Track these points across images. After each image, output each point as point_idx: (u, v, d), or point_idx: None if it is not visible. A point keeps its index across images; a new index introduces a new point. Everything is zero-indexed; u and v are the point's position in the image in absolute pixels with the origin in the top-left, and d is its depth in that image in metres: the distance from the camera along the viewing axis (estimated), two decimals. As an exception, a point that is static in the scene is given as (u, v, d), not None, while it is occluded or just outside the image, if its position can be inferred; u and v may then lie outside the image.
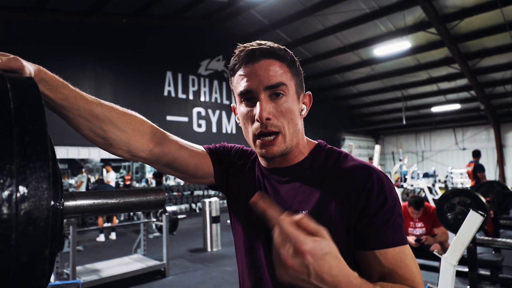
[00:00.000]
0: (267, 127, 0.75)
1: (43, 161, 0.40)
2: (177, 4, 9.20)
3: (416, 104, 15.38)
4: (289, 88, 0.78)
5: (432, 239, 3.64)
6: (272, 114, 0.76)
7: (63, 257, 4.13)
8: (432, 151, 17.60)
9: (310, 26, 10.47)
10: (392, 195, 0.72)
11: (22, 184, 0.38)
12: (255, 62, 0.77)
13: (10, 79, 0.45)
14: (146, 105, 9.46)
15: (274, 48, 0.79)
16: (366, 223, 0.70)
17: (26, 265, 0.37)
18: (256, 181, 0.88)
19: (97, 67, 8.64)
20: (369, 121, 18.27)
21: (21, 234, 0.37)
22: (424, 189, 8.71)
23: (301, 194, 0.78)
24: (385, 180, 0.73)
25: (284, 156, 0.81)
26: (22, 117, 0.41)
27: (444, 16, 9.05)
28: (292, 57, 0.83)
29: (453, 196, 3.17)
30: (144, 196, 0.70)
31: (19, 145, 0.39)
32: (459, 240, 1.99)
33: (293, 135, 0.79)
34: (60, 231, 0.50)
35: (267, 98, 0.76)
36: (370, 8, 9.36)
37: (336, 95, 15.89)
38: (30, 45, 7.56)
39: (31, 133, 0.40)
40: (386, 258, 0.68)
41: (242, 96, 0.78)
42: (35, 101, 0.43)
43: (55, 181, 0.47)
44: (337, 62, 12.66)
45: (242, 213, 0.88)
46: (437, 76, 12.76)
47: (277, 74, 0.77)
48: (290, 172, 0.82)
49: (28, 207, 0.38)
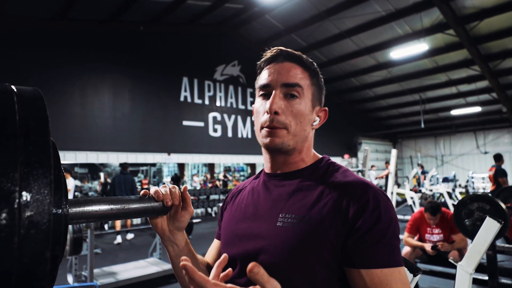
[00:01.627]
0: (273, 122, 0.77)
1: (46, 168, 0.43)
2: (192, 11, 9.35)
3: (435, 107, 15.05)
4: (305, 93, 0.81)
5: (450, 246, 3.54)
6: (282, 110, 0.78)
7: (81, 259, 4.23)
8: (452, 155, 17.16)
9: (325, 30, 10.43)
10: (388, 214, 0.69)
11: (25, 190, 0.40)
12: (280, 62, 0.82)
13: (18, 92, 0.48)
14: (163, 110, 9.62)
15: (300, 55, 0.84)
16: (356, 240, 0.68)
17: (28, 266, 0.40)
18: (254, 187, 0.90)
19: (116, 74, 8.86)
20: (386, 125, 17.99)
21: (23, 237, 0.39)
22: (443, 194, 8.50)
23: (294, 199, 0.78)
24: (382, 198, 0.71)
25: (285, 155, 0.83)
26: (27, 127, 0.43)
27: (462, 17, 8.86)
28: (316, 69, 0.86)
29: (471, 202, 3.09)
30: (149, 202, 0.73)
31: (23, 154, 0.41)
32: (476, 248, 1.94)
33: (297, 137, 0.80)
34: (64, 236, 0.52)
35: (282, 95, 0.79)
36: (386, 10, 9.26)
37: (353, 99, 15.73)
38: (51, 53, 7.83)
39: (34, 143, 0.43)
40: (371, 278, 0.66)
41: (261, 89, 0.83)
42: (39, 113, 0.46)
43: (58, 187, 0.50)
44: (353, 65, 12.55)
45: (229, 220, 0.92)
46: (456, 78, 12.46)
47: (296, 76, 0.80)
48: (289, 177, 0.83)
49: (30, 212, 0.40)
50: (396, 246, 0.69)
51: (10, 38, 7.37)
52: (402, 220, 8.23)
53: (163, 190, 0.74)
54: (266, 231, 0.77)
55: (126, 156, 8.99)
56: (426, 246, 3.60)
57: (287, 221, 0.74)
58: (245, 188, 0.94)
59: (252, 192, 0.89)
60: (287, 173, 0.84)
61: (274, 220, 0.77)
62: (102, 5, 8.04)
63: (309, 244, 0.70)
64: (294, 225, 0.73)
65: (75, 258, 3.91)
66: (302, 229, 0.71)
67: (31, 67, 7.52)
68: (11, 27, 7.43)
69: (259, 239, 0.77)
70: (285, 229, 0.73)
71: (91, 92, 8.48)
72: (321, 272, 0.69)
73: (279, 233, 0.74)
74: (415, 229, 3.85)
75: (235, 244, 0.83)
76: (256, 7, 9.35)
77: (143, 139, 9.22)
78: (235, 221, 0.87)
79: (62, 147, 7.88)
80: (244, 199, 0.90)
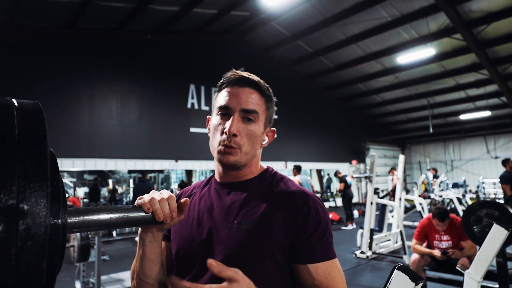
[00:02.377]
0: (231, 143, 0.86)
1: (43, 181, 0.44)
2: (199, 19, 9.45)
3: (444, 111, 14.91)
4: (260, 118, 0.91)
5: (459, 252, 3.49)
6: (239, 132, 0.87)
7: (89, 266, 4.26)
8: (462, 160, 16.94)
9: (331, 36, 10.45)
10: (325, 217, 0.85)
11: (22, 203, 0.42)
12: (241, 86, 0.90)
13: (18, 106, 0.49)
14: (170, 118, 9.69)
15: (260, 83, 0.93)
16: (303, 241, 0.81)
17: (24, 277, 0.41)
18: (205, 194, 0.97)
19: (124, 81, 8.97)
20: (394, 130, 17.86)
21: (20, 248, 0.41)
22: (453, 200, 8.38)
23: (247, 206, 0.87)
24: (319, 205, 0.86)
25: (237, 170, 0.92)
26: (25, 141, 0.45)
27: (469, 21, 8.81)
28: (271, 95, 0.96)
29: (479, 208, 3.05)
30: (144, 212, 0.74)
31: (21, 167, 0.43)
32: (483, 255, 1.91)
33: (249, 155, 0.90)
34: (62, 246, 0.53)
35: (240, 118, 0.88)
36: (392, 16, 9.25)
37: (360, 104, 15.68)
38: (61, 62, 7.97)
39: (32, 156, 0.44)
40: (316, 271, 0.80)
41: (220, 109, 0.90)
42: (38, 127, 0.48)
43: (56, 199, 0.51)
44: (360, 71, 12.52)
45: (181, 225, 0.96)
46: (464, 82, 12.35)
47: (254, 103, 0.89)
48: (239, 186, 0.92)
49: (27, 224, 0.41)
50: (331, 242, 0.84)
51: (20, 48, 7.53)
52: (411, 227, 8.14)
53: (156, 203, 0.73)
54: (224, 236, 0.85)
55: (134, 163, 9.07)
56: (435, 252, 3.55)
57: (242, 227, 0.84)
58: (194, 195, 1.00)
59: (204, 199, 0.96)
60: (238, 183, 0.93)
61: (230, 226, 0.85)
62: (110, 14, 8.19)
63: (263, 247, 0.81)
64: (249, 231, 0.83)
65: (83, 265, 3.94)
66: (257, 234, 0.82)
67: (41, 75, 7.66)
68: (21, 37, 7.60)
69: (217, 243, 0.85)
70: (241, 234, 0.83)
71: (100, 100, 8.59)
72: (275, 271, 0.82)
73: (235, 238, 0.83)
74: (423, 236, 3.80)
75: (192, 247, 0.89)
76: (262, 14, 9.43)
77: (151, 146, 9.29)
78: (189, 226, 0.92)
79: (71, 155, 7.98)
80: (196, 205, 0.96)
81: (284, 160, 12.45)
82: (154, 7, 8.17)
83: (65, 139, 7.89)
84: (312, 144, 13.73)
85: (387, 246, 6.15)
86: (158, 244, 0.85)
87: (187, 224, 0.93)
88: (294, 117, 12.88)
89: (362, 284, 4.52)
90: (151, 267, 0.86)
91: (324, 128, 14.17)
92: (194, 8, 8.35)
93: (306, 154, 13.33)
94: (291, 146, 12.76)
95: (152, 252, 0.85)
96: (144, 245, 0.84)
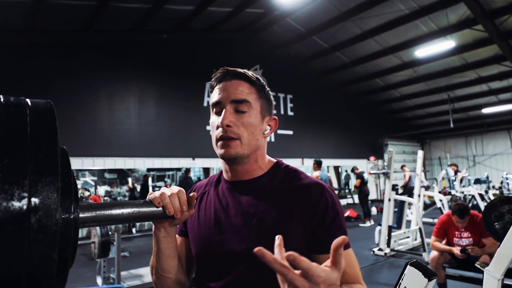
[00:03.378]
0: (227, 133, 0.86)
1: (54, 176, 0.46)
2: (213, 18, 9.50)
3: (465, 105, 14.49)
4: (253, 107, 0.89)
5: (480, 250, 3.40)
6: (233, 123, 0.86)
7: (110, 262, 4.36)
8: (485, 155, 16.44)
9: (347, 30, 10.31)
10: (340, 208, 0.88)
11: (34, 196, 0.44)
12: (228, 80, 0.90)
13: (31, 105, 0.52)
14: (186, 116, 9.80)
15: (246, 73, 0.92)
16: (322, 232, 0.84)
17: (37, 267, 0.43)
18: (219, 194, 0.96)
19: (141, 81, 9.12)
20: (413, 125, 17.50)
21: (32, 240, 0.43)
22: (475, 196, 8.16)
23: (264, 204, 0.87)
24: (334, 196, 0.88)
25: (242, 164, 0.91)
26: (37, 138, 0.47)
27: (491, 12, 8.52)
28: (262, 83, 0.94)
29: (501, 204, 2.96)
30: (157, 206, 0.76)
31: (33, 163, 0.45)
32: (503, 252, 1.86)
33: (250, 146, 0.88)
34: (75, 239, 0.56)
35: (232, 110, 0.88)
36: (410, 8, 9.05)
37: (378, 100, 15.42)
38: (79, 63, 8.18)
39: (44, 152, 0.47)
40: None
41: (213, 106, 0.91)
42: (49, 124, 0.50)
43: (68, 194, 0.53)
44: (377, 65, 12.31)
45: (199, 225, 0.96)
46: (486, 75, 11.97)
47: (243, 93, 0.89)
48: (251, 185, 0.92)
49: (38, 216, 0.44)
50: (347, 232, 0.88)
51: (41, 50, 7.76)
52: (431, 224, 7.97)
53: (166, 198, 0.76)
54: (244, 236, 0.85)
55: (152, 161, 9.22)
56: (455, 250, 3.47)
57: (262, 226, 0.84)
58: (208, 193, 1.00)
59: (219, 199, 0.95)
60: (249, 181, 0.92)
61: (249, 225, 0.86)
62: (126, 15, 8.33)
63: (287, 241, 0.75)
64: (270, 229, 0.83)
65: (103, 261, 4.04)
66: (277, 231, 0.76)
67: (61, 76, 7.87)
68: (41, 40, 7.83)
69: (237, 243, 0.86)
70: (262, 233, 0.83)
71: (118, 100, 8.77)
72: None
73: (257, 237, 0.83)
74: (442, 232, 3.72)
75: (211, 247, 0.90)
76: (277, 10, 9.39)
77: (168, 145, 9.42)
78: (207, 227, 0.93)
79: (91, 153, 8.19)
80: (212, 204, 0.95)
81: (300, 157, 12.40)
82: (170, 7, 8.26)
83: (86, 139, 8.10)
84: (329, 141, 13.61)
85: (406, 243, 6.05)
86: (172, 239, 0.88)
87: (205, 224, 0.93)
88: (311, 114, 12.79)
89: (380, 281, 4.47)
90: (168, 261, 0.89)
91: (341, 124, 14.02)
92: (208, 6, 8.40)
93: (323, 150, 13.22)
94: (307, 143, 12.69)
95: (167, 247, 0.87)
96: (159, 240, 0.86)
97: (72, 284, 4.56)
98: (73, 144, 7.79)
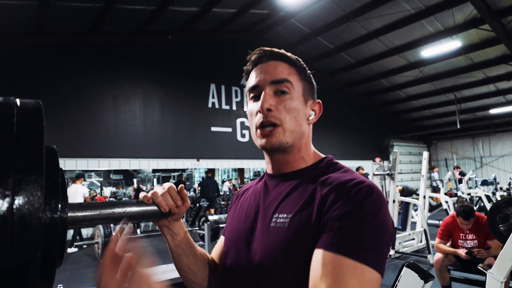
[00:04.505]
0: (268, 118, 0.77)
1: (38, 174, 0.47)
2: (218, 19, 9.52)
3: (472, 106, 14.35)
4: (294, 87, 0.80)
5: (485, 252, 3.36)
6: (274, 107, 0.77)
7: (114, 262, 4.41)
8: (492, 157, 16.26)
9: (352, 31, 10.27)
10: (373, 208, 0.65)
11: (17, 195, 0.44)
12: (265, 62, 0.82)
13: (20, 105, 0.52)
14: (191, 118, 9.83)
15: (284, 53, 0.83)
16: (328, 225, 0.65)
17: (20, 264, 0.44)
18: (257, 188, 0.90)
19: (146, 83, 9.17)
20: (419, 126, 17.36)
21: (16, 237, 0.43)
22: (482, 198, 8.07)
23: (288, 199, 0.77)
24: (376, 193, 0.67)
25: (284, 153, 0.81)
26: (23, 137, 0.47)
27: (498, 11, 8.43)
28: (302, 65, 0.86)
29: (506, 206, 2.93)
30: (150, 206, 0.76)
31: (17, 161, 0.45)
32: (507, 255, 1.84)
33: (294, 133, 0.79)
34: (62, 238, 0.56)
35: (272, 93, 0.79)
36: (415, 8, 8.99)
37: (383, 100, 15.33)
38: (84, 64, 8.25)
39: (28, 151, 0.47)
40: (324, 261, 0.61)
41: (251, 92, 0.83)
42: (36, 124, 0.50)
43: (55, 192, 0.53)
44: (382, 66, 12.24)
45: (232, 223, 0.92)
46: (494, 75, 11.84)
47: (283, 73, 0.80)
48: (288, 178, 0.82)
49: (22, 214, 0.44)
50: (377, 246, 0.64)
51: (46, 52, 7.84)
52: (436, 226, 7.90)
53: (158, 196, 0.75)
54: (260, 232, 0.78)
55: (157, 162, 9.26)
56: (460, 252, 3.44)
57: (279, 221, 0.74)
58: (249, 189, 0.95)
59: (254, 193, 0.89)
60: (287, 174, 0.83)
61: (268, 220, 0.77)
62: (131, 17, 8.38)
63: (299, 242, 0.69)
64: (284, 225, 0.73)
65: (107, 261, 4.07)
66: (293, 229, 0.71)
67: (65, 77, 7.94)
68: (47, 42, 7.91)
69: (255, 240, 0.79)
70: (278, 230, 0.74)
71: (123, 101, 8.82)
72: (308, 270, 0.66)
73: (271, 233, 0.74)
74: (447, 234, 3.68)
75: (235, 243, 0.84)
76: (281, 11, 9.38)
77: (173, 146, 9.46)
78: (237, 221, 0.88)
79: (97, 155, 8.25)
80: (247, 200, 0.90)
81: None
82: (174, 8, 8.30)
83: (91, 139, 8.16)
84: (334, 142, 13.56)
85: (411, 245, 6.00)
86: (179, 236, 0.84)
87: (238, 220, 0.88)
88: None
89: (384, 283, 4.40)
90: (180, 260, 0.86)
91: (347, 125, 13.96)
92: (213, 7, 8.42)
93: (328, 151, 12.83)
94: (312, 143, 12.60)
95: (175, 245, 0.84)
96: (166, 240, 0.85)
97: (76, 285, 4.60)
98: (78, 145, 7.86)
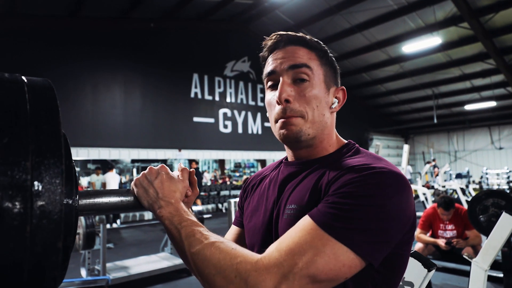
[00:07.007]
0: (287, 113, 0.70)
1: (57, 157, 0.42)
2: (202, 8, 9.34)
3: (448, 102, 14.79)
4: (314, 74, 0.73)
5: (464, 242, 3.49)
6: (293, 97, 0.71)
7: (94, 254, 4.29)
8: (466, 151, 16.87)
9: (336, 24, 10.32)
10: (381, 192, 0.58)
11: (37, 180, 0.40)
12: (282, 48, 0.75)
13: (28, 83, 0.48)
14: (173, 107, 9.67)
15: (303, 36, 0.76)
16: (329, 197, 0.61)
17: (40, 256, 0.40)
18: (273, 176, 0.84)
19: (127, 71, 8.93)
20: (398, 120, 17.77)
21: (35, 226, 0.39)
22: (456, 190, 8.36)
23: (299, 188, 0.72)
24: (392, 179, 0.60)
25: (306, 147, 0.75)
26: (37, 117, 0.43)
27: (477, 10, 8.66)
28: (323, 48, 0.77)
29: (486, 198, 3.04)
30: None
31: (34, 143, 0.41)
32: (491, 244, 1.90)
33: (316, 124, 0.72)
34: (75, 227, 0.52)
35: (290, 81, 0.72)
36: (398, 4, 9.11)
37: (364, 94, 15.57)
38: (63, 51, 7.93)
39: (45, 132, 0.43)
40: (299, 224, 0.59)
41: (267, 79, 0.76)
42: (50, 103, 0.46)
43: (70, 178, 0.49)
44: (364, 60, 12.39)
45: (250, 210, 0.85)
46: (470, 72, 12.22)
47: (303, 57, 0.73)
48: (305, 166, 0.76)
49: (42, 201, 0.40)
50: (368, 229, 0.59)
51: (21, 36, 7.48)
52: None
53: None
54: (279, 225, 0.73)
55: (138, 152, 9.08)
56: (439, 242, 3.55)
57: (289, 213, 0.69)
58: (266, 178, 0.87)
59: (273, 183, 0.82)
60: (304, 162, 0.76)
61: (282, 212, 0.72)
62: (112, 3, 8.10)
63: None
64: (291, 217, 0.68)
65: (88, 252, 3.97)
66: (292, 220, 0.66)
67: (43, 64, 7.62)
68: (22, 25, 7.54)
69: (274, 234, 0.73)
70: (288, 222, 0.68)
71: (103, 89, 8.56)
72: None
73: (283, 227, 0.69)
74: (427, 225, 3.79)
75: (254, 236, 0.79)
76: (266, 2, 9.30)
77: (154, 136, 9.29)
78: (257, 213, 0.81)
79: (75, 144, 7.99)
80: (265, 191, 0.83)
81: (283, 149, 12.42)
82: (157, -5, 8.08)
83: (69, 128, 7.89)
84: (315, 134, 13.68)
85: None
86: None
87: (258, 214, 0.81)
88: (298, 107, 12.80)
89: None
90: None
91: (328, 118, 14.09)
92: (197, -5, 8.25)
93: None
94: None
95: None
96: None
97: (56, 276, 4.46)
98: (56, 133, 7.58)
